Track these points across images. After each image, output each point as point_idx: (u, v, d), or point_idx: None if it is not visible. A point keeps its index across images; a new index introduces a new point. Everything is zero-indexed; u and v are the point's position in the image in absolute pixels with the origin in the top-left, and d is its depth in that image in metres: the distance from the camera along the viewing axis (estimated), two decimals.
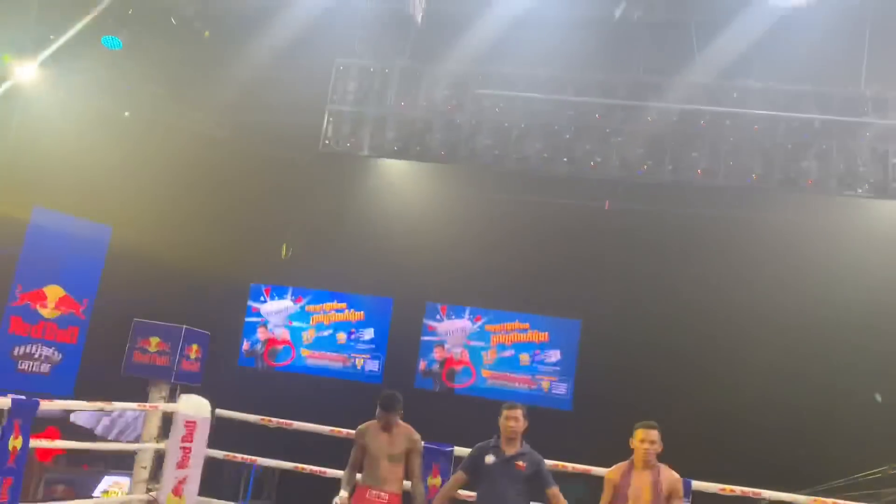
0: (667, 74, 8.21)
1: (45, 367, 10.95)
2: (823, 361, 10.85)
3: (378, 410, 5.41)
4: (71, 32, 8.85)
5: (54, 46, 9.02)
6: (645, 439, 4.94)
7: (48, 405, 5.32)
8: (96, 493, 9.43)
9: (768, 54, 7.83)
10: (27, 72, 9.42)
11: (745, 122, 7.90)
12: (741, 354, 10.74)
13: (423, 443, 5.54)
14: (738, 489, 6.00)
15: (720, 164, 7.91)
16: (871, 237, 10.29)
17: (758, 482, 6.27)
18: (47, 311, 10.99)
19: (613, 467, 5.11)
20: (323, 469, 6.51)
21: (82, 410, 9.16)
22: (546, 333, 12.29)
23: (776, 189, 7.95)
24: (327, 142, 8.74)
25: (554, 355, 12.16)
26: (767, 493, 6.29)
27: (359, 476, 5.47)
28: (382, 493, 5.25)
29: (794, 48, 7.86)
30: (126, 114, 11.26)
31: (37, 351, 10.84)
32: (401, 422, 5.44)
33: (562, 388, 12.01)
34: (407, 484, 5.45)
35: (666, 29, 8.03)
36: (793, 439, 10.90)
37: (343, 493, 5.33)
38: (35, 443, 5.17)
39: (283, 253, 10.52)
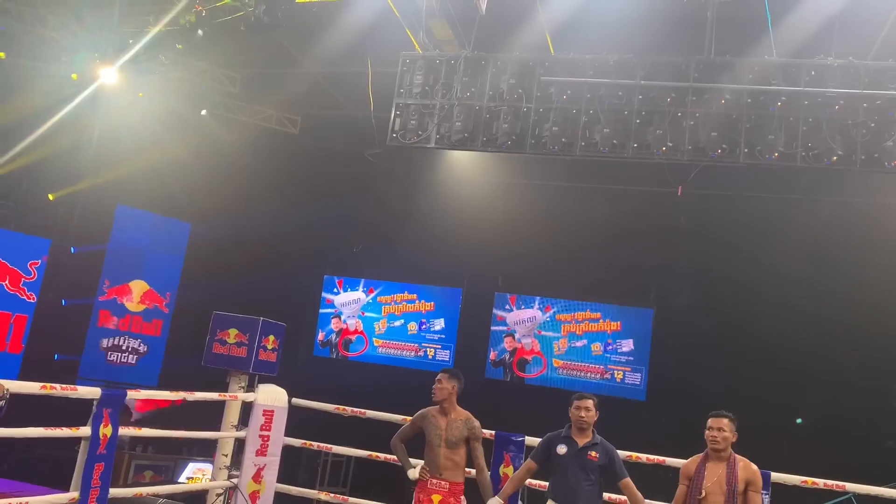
0: (740, 55, 7.92)
1: (132, 359, 11.46)
2: None
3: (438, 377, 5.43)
4: (148, 37, 9.16)
5: (133, 50, 9.36)
6: (712, 427, 4.87)
7: (134, 395, 5.55)
8: (181, 478, 9.83)
9: (847, 30, 7.47)
10: (109, 75, 9.80)
11: (824, 101, 7.52)
12: (823, 342, 10.37)
13: (485, 432, 5.50)
14: (821, 482, 5.80)
15: (798, 145, 7.57)
16: None
17: (842, 475, 6.05)
18: (133, 305, 11.48)
19: (689, 459, 5.03)
20: (395, 458, 6.59)
21: (167, 399, 9.54)
22: (618, 323, 12.14)
23: (858, 170, 7.57)
24: (395, 135, 8.78)
25: (627, 345, 12.00)
26: (852, 487, 6.07)
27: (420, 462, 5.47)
28: (442, 482, 5.26)
29: (875, 22, 7.49)
30: (203, 112, 11.62)
31: (124, 343, 11.35)
32: (459, 408, 5.43)
33: (635, 378, 11.84)
34: (471, 472, 5.44)
35: (738, 7, 7.75)
36: (881, 430, 10.48)
37: (413, 469, 5.37)
38: (124, 431, 5.41)
39: None
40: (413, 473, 5.36)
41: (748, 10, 7.69)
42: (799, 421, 10.72)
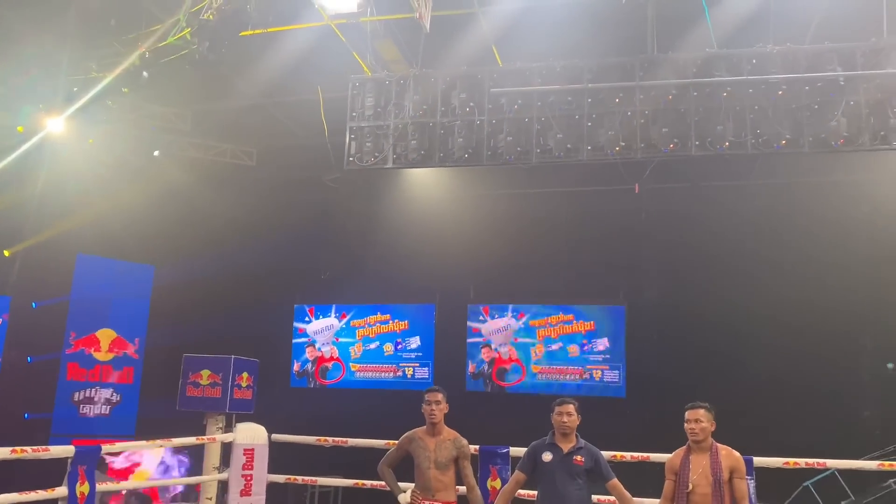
0: (682, 49, 8.10)
1: (106, 409, 11.23)
2: (878, 320, 10.62)
3: (425, 397, 5.39)
4: (98, 88, 9.05)
5: (81, 101, 9.24)
6: (689, 419, 4.92)
7: (110, 448, 5.45)
8: None
9: (783, 15, 7.68)
10: (56, 125, 9.67)
11: (768, 87, 7.73)
12: (792, 322, 10.54)
13: (470, 447, 5.46)
14: (802, 461, 5.89)
15: (747, 133, 7.75)
16: None
17: (824, 451, 6.15)
18: (101, 355, 11.26)
19: (672, 454, 5.07)
20: (383, 483, 6.54)
21: (143, 449, 9.38)
22: (592, 323, 12.21)
23: (807, 152, 7.77)
24: (351, 158, 8.79)
25: (602, 343, 12.07)
26: (833, 463, 6.18)
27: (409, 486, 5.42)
28: (435, 503, 5.21)
29: (809, 6, 7.70)
30: (156, 153, 11.50)
31: (96, 394, 11.12)
32: (446, 427, 5.40)
33: (614, 376, 11.91)
34: (462, 490, 5.41)
35: (675, 2, 7.93)
36: (857, 402, 10.68)
37: (403, 494, 5.32)
38: (101, 487, 5.29)
39: None
40: (404, 498, 5.31)
41: (685, 3, 7.86)
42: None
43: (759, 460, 5.74)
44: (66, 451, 4.96)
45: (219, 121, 11.53)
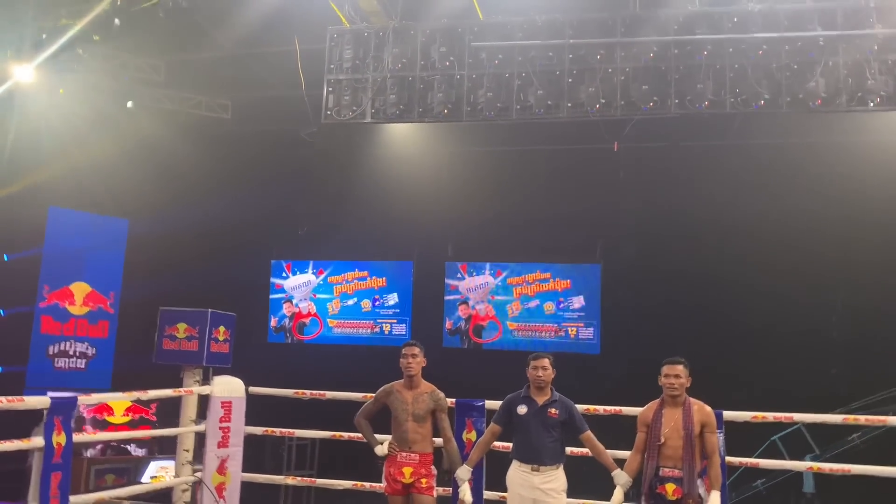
0: (664, 7, 8.05)
1: (81, 363, 11.18)
2: (848, 280, 10.80)
3: (402, 351, 5.43)
4: (69, 34, 8.80)
5: (51, 49, 8.98)
6: (669, 374, 4.97)
7: (86, 399, 5.43)
8: (144, 478, 9.68)
9: None
10: (25, 73, 9.42)
11: (748, 47, 7.73)
12: (765, 281, 10.70)
13: (447, 400, 5.51)
14: (770, 415, 6.02)
15: (726, 92, 7.77)
16: (887, 150, 10.15)
17: (791, 407, 6.29)
18: (76, 308, 11.17)
19: (645, 407, 5.14)
20: (360, 435, 6.60)
21: (120, 401, 9.38)
22: (568, 281, 12.30)
23: (786, 112, 7.80)
24: (329, 112, 8.68)
25: (578, 301, 12.18)
26: (800, 417, 6.33)
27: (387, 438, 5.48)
28: (412, 455, 5.29)
29: None
30: (129, 104, 11.26)
31: (71, 348, 11.05)
32: (423, 381, 5.46)
33: (588, 333, 12.06)
34: (438, 442, 5.49)
35: None
36: (824, 361, 10.91)
37: (380, 445, 5.39)
38: (78, 437, 5.29)
39: None
40: (381, 450, 5.38)
41: None
42: None
43: (728, 414, 5.86)
44: (41, 401, 4.94)
45: (193, 72, 11.30)
